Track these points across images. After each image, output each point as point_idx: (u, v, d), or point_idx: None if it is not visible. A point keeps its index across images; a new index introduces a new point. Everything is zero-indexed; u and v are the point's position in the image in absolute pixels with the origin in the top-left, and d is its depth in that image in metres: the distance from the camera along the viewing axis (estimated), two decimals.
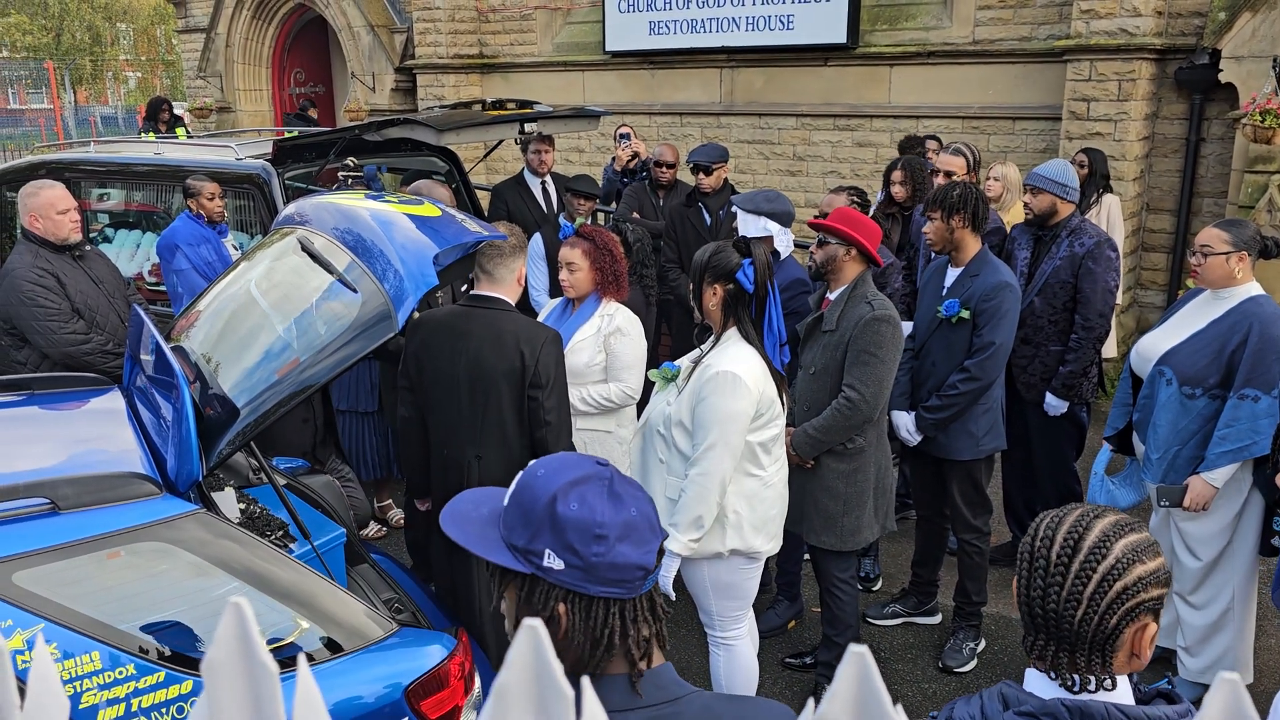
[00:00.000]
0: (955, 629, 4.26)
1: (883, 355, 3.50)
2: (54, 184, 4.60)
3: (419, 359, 3.46)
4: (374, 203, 3.25)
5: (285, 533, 3.14)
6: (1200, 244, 3.56)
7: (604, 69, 10.64)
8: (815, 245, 3.70)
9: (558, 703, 0.46)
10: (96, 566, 2.35)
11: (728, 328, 3.19)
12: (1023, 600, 1.49)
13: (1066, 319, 4.45)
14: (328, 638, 2.50)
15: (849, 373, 3.54)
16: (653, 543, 1.31)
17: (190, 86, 14.59)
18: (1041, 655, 1.48)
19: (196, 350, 3.15)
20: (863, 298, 3.57)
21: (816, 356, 3.66)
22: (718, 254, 3.16)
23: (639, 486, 1.37)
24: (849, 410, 3.52)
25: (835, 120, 9.23)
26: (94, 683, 2.16)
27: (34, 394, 3.38)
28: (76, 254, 4.60)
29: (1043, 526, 1.49)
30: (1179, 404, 3.53)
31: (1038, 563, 1.46)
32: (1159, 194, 7.86)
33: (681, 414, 3.14)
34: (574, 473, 1.30)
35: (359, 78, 12.32)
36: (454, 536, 1.34)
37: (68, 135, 23.08)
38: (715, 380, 3.06)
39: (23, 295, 4.40)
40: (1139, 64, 7.29)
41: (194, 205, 5.37)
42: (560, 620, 1.28)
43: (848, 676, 0.45)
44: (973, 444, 4.05)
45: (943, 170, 5.12)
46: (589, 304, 3.99)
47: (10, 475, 2.48)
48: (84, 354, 4.44)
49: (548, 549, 1.27)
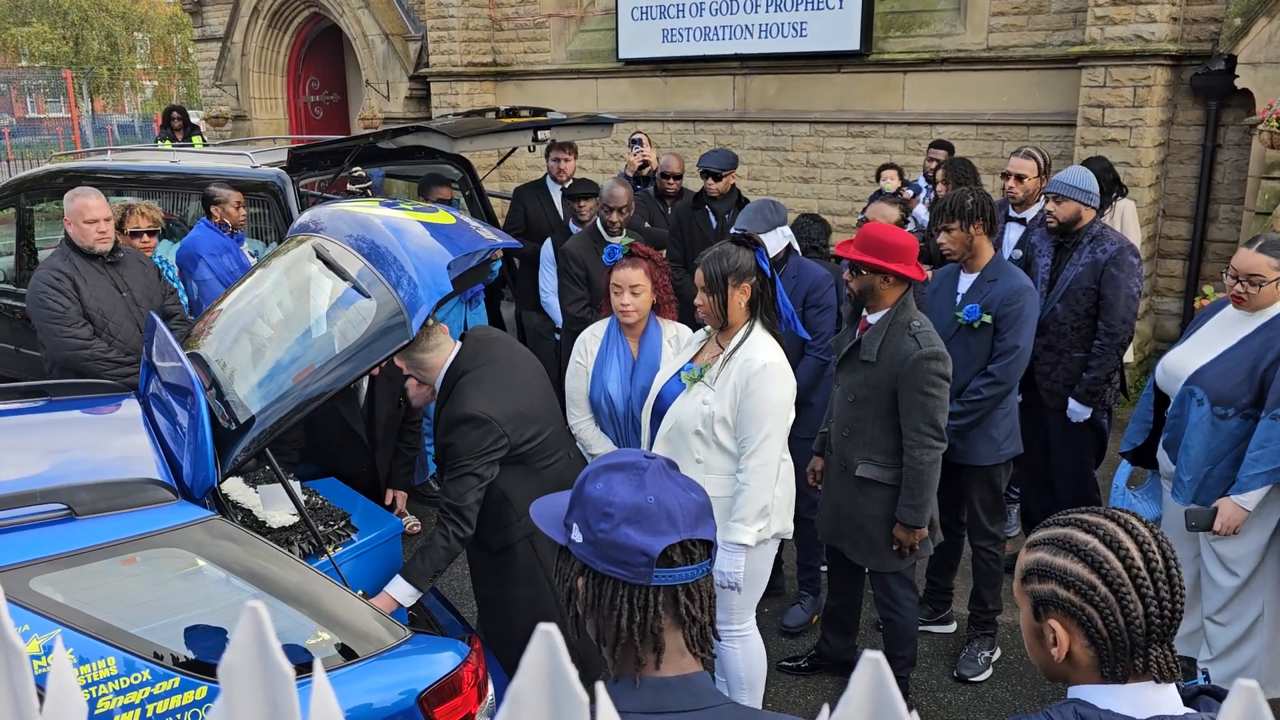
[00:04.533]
0: (970, 638, 4.24)
1: (937, 393, 3.44)
2: (90, 192, 4.66)
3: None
4: (388, 210, 3.26)
5: (347, 523, 3.18)
6: (1248, 273, 3.33)
7: (617, 77, 10.67)
8: (848, 272, 3.58)
9: (572, 708, 0.46)
10: (112, 572, 2.36)
11: (750, 321, 3.24)
12: (1131, 620, 1.38)
13: (1089, 325, 4.42)
14: (341, 644, 2.51)
15: (909, 417, 3.44)
16: (668, 534, 1.32)
17: (206, 95, 14.69)
18: (1153, 669, 1.40)
19: (212, 357, 3.17)
20: (904, 327, 3.45)
21: (857, 385, 3.55)
22: (730, 255, 3.20)
23: (684, 484, 1.38)
24: (927, 456, 3.45)
25: (849, 127, 9.23)
26: (110, 688, 2.17)
27: (52, 400, 3.40)
28: (109, 260, 4.66)
29: (1119, 549, 1.40)
30: (1210, 425, 3.39)
31: (1156, 575, 1.38)
32: (1175, 200, 7.82)
33: (723, 410, 3.17)
34: (617, 459, 1.39)
35: (373, 86, 12.39)
36: (535, 514, 1.48)
37: (85, 144, 23.26)
38: (764, 373, 3.12)
39: (36, 296, 4.50)
40: (1154, 70, 7.26)
41: (218, 213, 5.39)
42: (579, 593, 1.38)
43: (862, 683, 0.45)
44: (993, 449, 4.03)
45: (1014, 174, 5.00)
46: (651, 333, 3.80)
47: (28, 481, 2.50)
48: (81, 359, 4.45)
49: (574, 523, 1.37)
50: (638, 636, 1.33)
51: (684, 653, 1.36)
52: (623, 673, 1.37)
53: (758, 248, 3.25)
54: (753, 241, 3.26)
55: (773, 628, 4.43)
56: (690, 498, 1.37)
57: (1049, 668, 1.48)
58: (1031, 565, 1.46)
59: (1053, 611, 1.42)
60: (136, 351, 4.60)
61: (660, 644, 1.34)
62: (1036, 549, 1.47)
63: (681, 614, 1.35)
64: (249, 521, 3.07)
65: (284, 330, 3.16)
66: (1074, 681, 1.46)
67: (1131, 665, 1.40)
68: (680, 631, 1.36)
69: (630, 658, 1.35)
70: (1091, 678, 1.43)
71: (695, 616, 1.36)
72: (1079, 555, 1.41)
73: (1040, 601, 1.44)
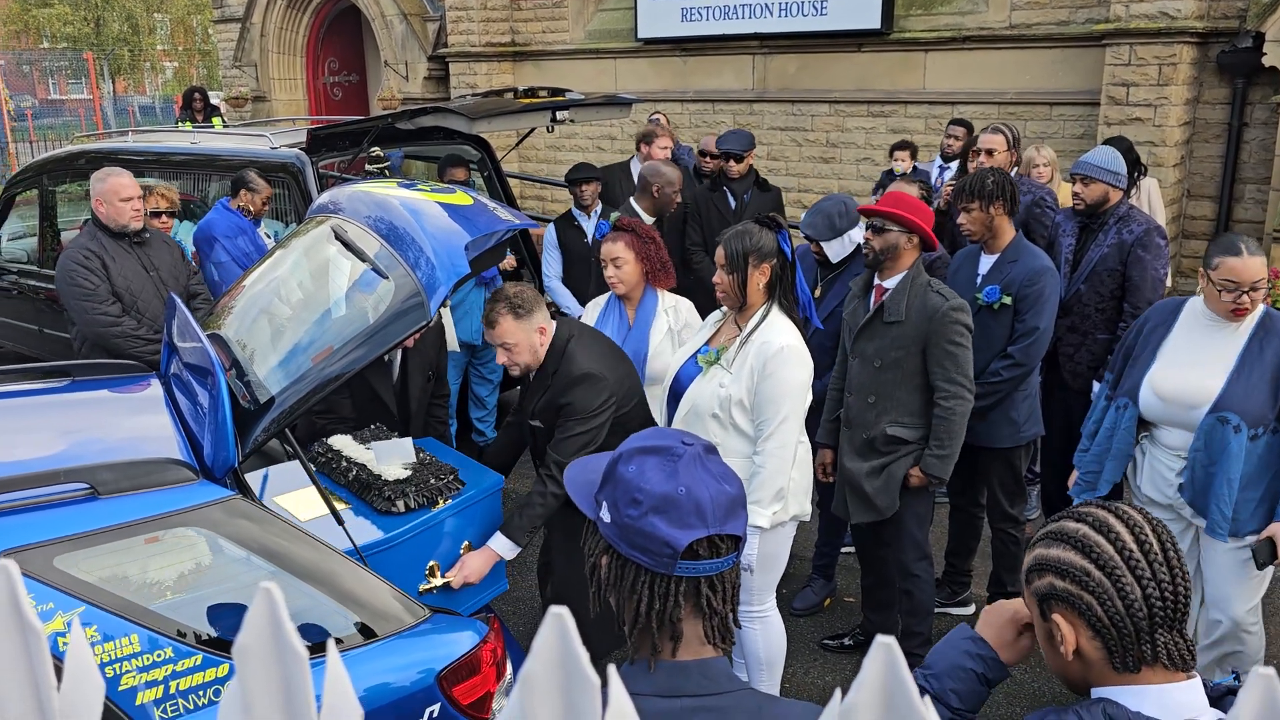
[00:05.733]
0: None
1: (965, 343, 3.51)
2: (123, 172, 4.74)
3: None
4: (406, 191, 3.26)
5: (455, 477, 3.24)
6: (1252, 280, 3.06)
7: (636, 56, 10.61)
8: (870, 233, 3.61)
9: (584, 691, 0.46)
10: (134, 551, 2.38)
11: (768, 303, 3.24)
12: (1130, 603, 1.36)
13: (1114, 307, 4.38)
14: (361, 623, 2.53)
15: (940, 369, 3.50)
16: (695, 528, 1.30)
17: (226, 76, 14.73)
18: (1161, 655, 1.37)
19: (232, 338, 3.19)
20: (926, 286, 3.54)
21: (883, 348, 3.57)
22: (752, 235, 3.21)
23: (719, 475, 1.34)
24: (958, 405, 3.51)
25: (869, 107, 9.15)
26: (133, 665, 2.19)
27: (75, 381, 3.43)
28: (136, 240, 4.73)
29: (1109, 533, 1.39)
30: (1247, 449, 3.12)
31: (1151, 557, 1.36)
32: (1200, 180, 7.73)
33: (740, 393, 3.17)
34: (652, 441, 1.36)
35: (392, 66, 12.38)
36: (567, 479, 1.47)
37: (106, 125, 23.38)
38: (781, 355, 3.12)
39: (67, 274, 4.58)
40: (1180, 48, 7.15)
41: (245, 198, 5.41)
42: (601, 571, 1.37)
43: (875, 666, 0.45)
44: (1014, 431, 4.02)
45: (984, 149, 5.06)
46: (648, 300, 3.97)
47: (51, 460, 2.53)
48: (112, 336, 4.55)
49: (605, 500, 1.35)
50: (655, 624, 1.32)
51: (703, 642, 1.34)
52: (639, 655, 1.36)
53: (781, 229, 3.25)
54: (775, 223, 3.26)
55: (782, 611, 4.43)
56: (723, 490, 1.33)
57: (1065, 672, 1.46)
58: (1031, 563, 1.47)
59: (1055, 605, 1.41)
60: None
61: (678, 633, 1.32)
62: (1035, 547, 1.47)
63: (702, 605, 1.33)
64: (364, 475, 3.19)
65: (303, 311, 3.18)
66: (1094, 682, 1.44)
67: (1140, 652, 1.38)
68: (700, 622, 1.34)
69: (647, 642, 1.34)
70: (1106, 675, 1.41)
71: (716, 609, 1.34)
72: (1070, 543, 1.41)
73: (1043, 598, 1.43)
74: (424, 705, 2.49)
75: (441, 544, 3.15)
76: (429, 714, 2.50)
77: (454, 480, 3.24)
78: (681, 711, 1.27)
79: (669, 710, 1.27)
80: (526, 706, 0.46)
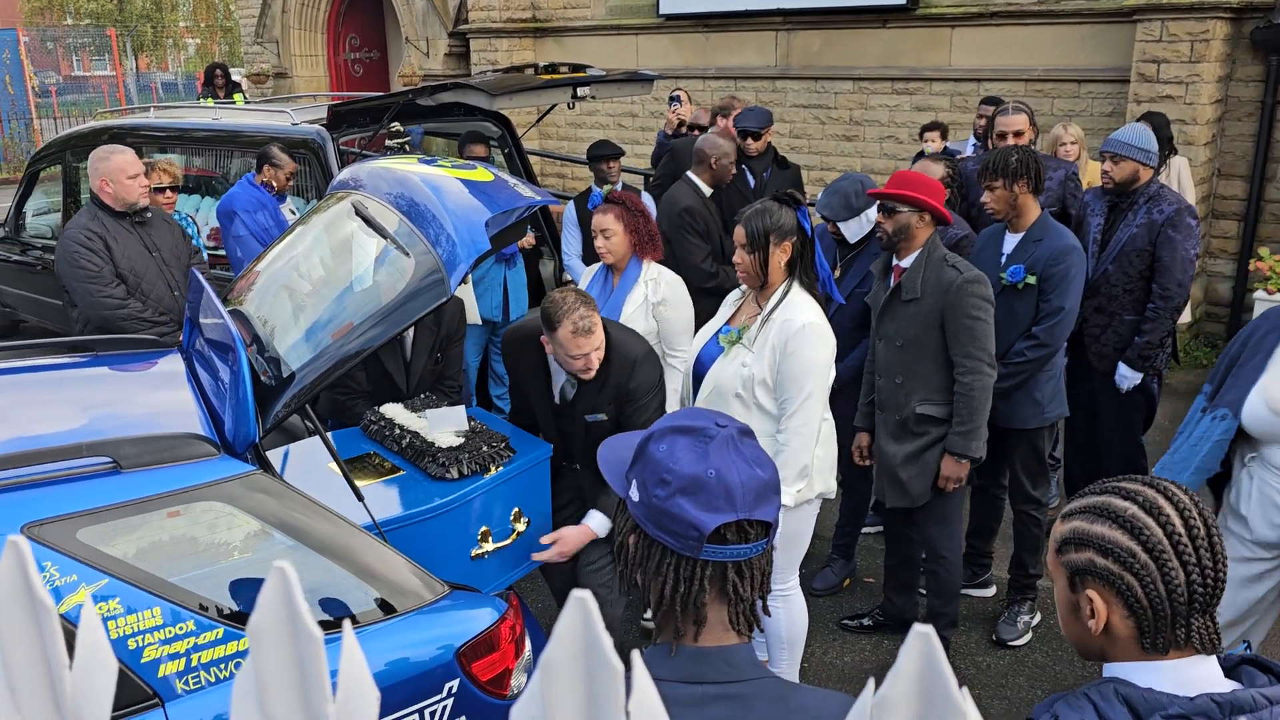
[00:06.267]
0: (1010, 601, 4.21)
1: (984, 316, 3.49)
2: (124, 149, 4.64)
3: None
4: (427, 167, 3.25)
5: (506, 445, 3.30)
6: None
7: (657, 32, 10.53)
8: (881, 215, 3.61)
9: (607, 677, 0.44)
10: (157, 524, 2.39)
11: (788, 281, 3.23)
12: (1173, 589, 1.33)
13: (1142, 288, 4.30)
14: (381, 598, 2.54)
15: (957, 344, 3.48)
16: (724, 511, 1.26)
17: (247, 53, 14.73)
18: (1194, 640, 1.35)
19: (253, 314, 3.19)
20: (942, 261, 3.52)
21: (903, 327, 3.57)
22: (772, 213, 3.19)
23: (751, 459, 1.30)
24: (978, 381, 3.49)
25: (893, 84, 9.04)
26: (155, 637, 2.20)
27: (97, 355, 3.45)
28: (137, 220, 4.63)
29: (1159, 515, 1.35)
30: None
31: (1198, 542, 1.34)
32: (1231, 159, 7.60)
33: (763, 372, 3.16)
34: (686, 421, 1.33)
35: (413, 43, 12.34)
36: (601, 456, 1.47)
37: (130, 101, 23.48)
38: (803, 333, 3.11)
39: (69, 256, 4.48)
40: (1213, 23, 7.01)
41: (268, 173, 5.41)
42: (629, 550, 1.35)
43: (912, 656, 0.43)
44: (1037, 412, 3.98)
45: (1010, 131, 4.94)
46: (631, 270, 4.10)
47: (73, 434, 2.54)
48: (118, 318, 4.46)
49: (634, 479, 1.33)
50: (679, 607, 1.29)
51: (727, 628, 1.31)
52: (661, 638, 1.34)
53: (800, 207, 3.24)
54: (795, 200, 3.25)
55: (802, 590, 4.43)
56: (754, 475, 1.29)
57: (1085, 642, 1.43)
58: (1067, 534, 1.42)
59: (1090, 581, 1.38)
60: (170, 311, 4.63)
61: (701, 617, 1.29)
62: (1072, 518, 1.42)
63: (728, 590, 1.29)
64: (417, 443, 3.26)
65: (323, 287, 3.18)
66: (1111, 657, 1.41)
67: (1173, 636, 1.35)
68: (725, 607, 1.30)
69: (670, 625, 1.31)
70: (1130, 652, 1.38)
71: (743, 595, 1.30)
72: (1117, 522, 1.36)
73: (1077, 571, 1.39)
74: (443, 681, 2.50)
75: (493, 510, 3.22)
76: (448, 689, 2.50)
77: (505, 448, 3.29)
78: (702, 699, 1.25)
79: (688, 697, 1.24)
80: (547, 693, 0.45)
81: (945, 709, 0.42)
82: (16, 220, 7.55)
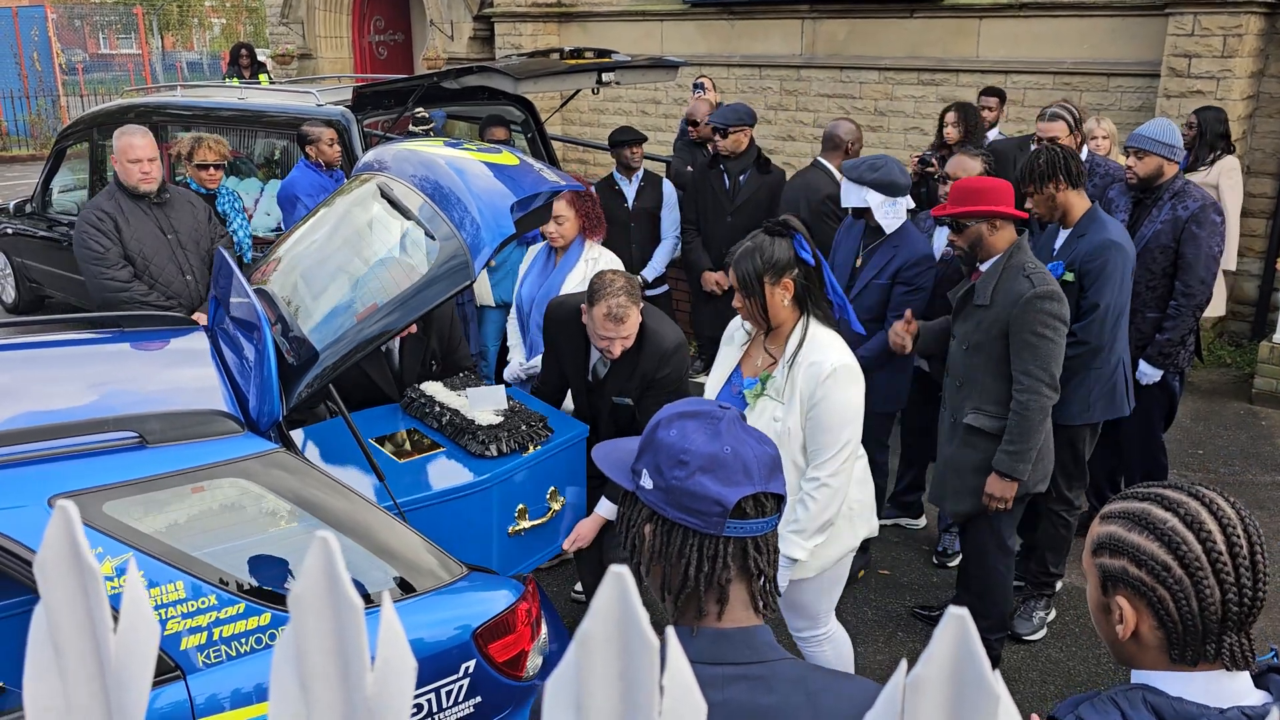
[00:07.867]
0: (1027, 597, 4.19)
1: (1051, 335, 3.32)
2: (137, 131, 4.58)
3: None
4: (452, 150, 3.26)
5: (544, 424, 3.38)
6: None
7: (683, 19, 10.48)
8: (952, 233, 3.53)
9: (643, 652, 0.45)
10: (181, 499, 2.42)
11: (804, 318, 2.88)
12: (1206, 607, 1.30)
13: (1165, 285, 4.25)
14: (399, 578, 2.56)
15: (1019, 360, 3.34)
16: (743, 485, 1.32)
17: (273, 33, 14.76)
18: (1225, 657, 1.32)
19: (279, 294, 3.21)
20: (1018, 269, 3.36)
21: (970, 331, 3.48)
22: (763, 250, 2.80)
23: (758, 437, 1.37)
24: (1035, 401, 3.33)
25: (920, 74, 8.98)
26: (177, 611, 2.23)
27: (124, 332, 3.48)
28: (156, 201, 4.58)
29: (1200, 530, 1.30)
30: None
31: (1239, 560, 1.30)
32: (1262, 157, 7.51)
33: (796, 425, 2.85)
34: (689, 408, 1.38)
35: (437, 26, 12.33)
36: (597, 459, 1.48)
37: (155, 80, 23.60)
38: (835, 378, 2.77)
39: (80, 236, 4.47)
40: (1246, 18, 6.92)
41: (312, 152, 5.43)
42: (646, 540, 1.37)
43: (945, 639, 0.44)
44: (1082, 409, 3.87)
45: (1047, 139, 4.84)
46: (573, 250, 4.35)
47: (101, 408, 2.57)
48: (119, 301, 4.41)
49: (644, 469, 1.36)
50: (703, 586, 1.32)
51: (747, 606, 1.35)
52: (682, 621, 1.36)
53: (795, 234, 2.83)
54: (789, 228, 2.84)
55: None
56: (764, 450, 1.36)
57: (1114, 645, 1.41)
58: (1104, 538, 1.39)
59: (1121, 589, 1.35)
60: (179, 295, 4.60)
61: (725, 595, 1.33)
62: (1111, 521, 1.39)
63: (750, 566, 1.34)
64: (457, 420, 3.33)
65: (348, 269, 3.20)
66: (1139, 663, 1.38)
67: (1203, 650, 1.32)
68: (746, 584, 1.35)
69: (692, 607, 1.34)
70: (1159, 660, 1.36)
71: (763, 569, 1.35)
72: (1155, 533, 1.33)
73: (1109, 577, 1.36)
74: (459, 661, 2.52)
75: (530, 488, 3.28)
76: (464, 669, 2.52)
77: (543, 428, 3.35)
78: (723, 679, 1.27)
79: (709, 677, 1.25)
80: (584, 666, 0.46)
81: (978, 692, 0.43)
82: (43, 197, 7.62)
